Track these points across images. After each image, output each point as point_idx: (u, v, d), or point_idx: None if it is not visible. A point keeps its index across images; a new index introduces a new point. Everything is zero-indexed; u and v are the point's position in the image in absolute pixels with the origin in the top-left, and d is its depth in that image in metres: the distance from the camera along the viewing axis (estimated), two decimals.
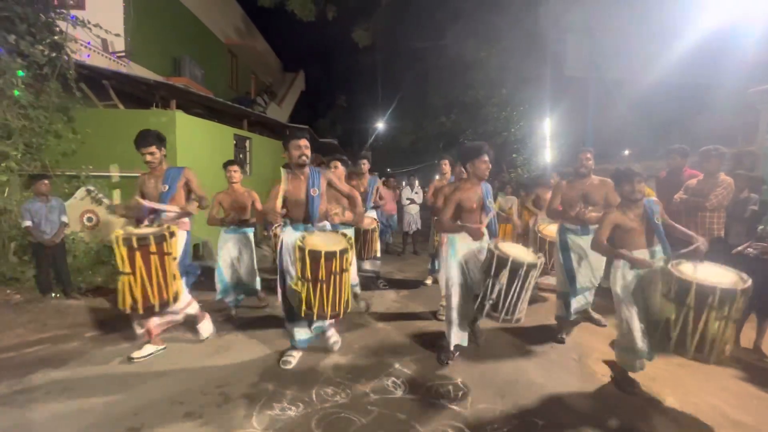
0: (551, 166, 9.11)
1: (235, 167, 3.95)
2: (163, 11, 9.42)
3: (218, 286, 3.99)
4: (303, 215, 2.86)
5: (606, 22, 9.72)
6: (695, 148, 3.88)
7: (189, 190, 3.29)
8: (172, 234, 2.86)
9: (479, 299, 2.72)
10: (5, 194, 4.82)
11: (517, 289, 2.58)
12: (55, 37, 5.02)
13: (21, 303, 4.21)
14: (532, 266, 2.58)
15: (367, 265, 5.04)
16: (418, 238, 8.08)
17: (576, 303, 3.50)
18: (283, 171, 2.91)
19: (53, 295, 4.51)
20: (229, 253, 3.98)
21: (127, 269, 2.70)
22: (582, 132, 10.18)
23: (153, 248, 2.74)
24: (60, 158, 5.34)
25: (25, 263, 4.76)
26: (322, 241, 2.66)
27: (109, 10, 7.19)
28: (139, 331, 3.13)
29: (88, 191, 5.44)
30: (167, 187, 3.13)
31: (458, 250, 2.93)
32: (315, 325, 3.02)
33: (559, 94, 10.49)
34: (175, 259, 2.93)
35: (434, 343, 3.30)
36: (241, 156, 8.10)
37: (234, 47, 13.91)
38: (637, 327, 2.53)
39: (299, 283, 2.60)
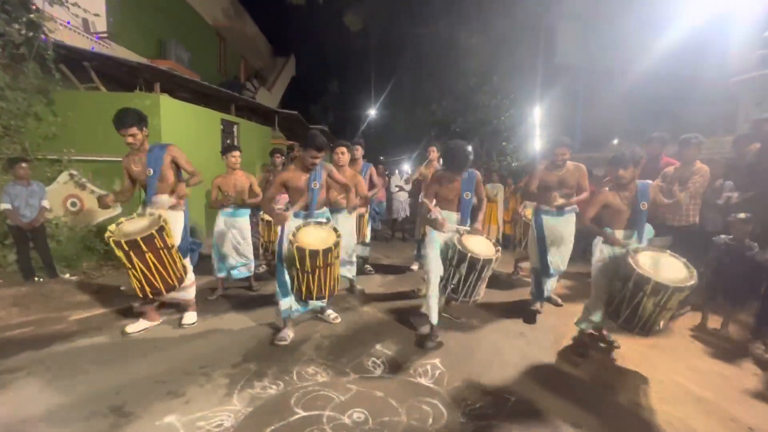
0: (540, 154, 9.18)
1: (238, 153, 4.07)
2: None
3: (215, 264, 4.13)
4: (304, 203, 3.02)
5: (597, 11, 9.71)
6: (679, 136, 3.94)
7: (178, 168, 3.20)
8: (161, 229, 2.86)
9: (443, 282, 3.04)
10: None
11: (474, 278, 2.90)
12: (31, 15, 4.86)
13: (3, 287, 4.18)
14: (487, 261, 2.86)
15: (357, 250, 5.09)
16: (405, 225, 8.14)
17: (547, 283, 3.76)
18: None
19: (36, 279, 4.48)
20: (226, 234, 4.06)
21: (128, 265, 2.82)
22: (571, 120, 10.25)
23: (144, 248, 2.79)
24: (41, 141, 5.23)
25: (7, 248, 4.72)
26: (312, 236, 2.85)
27: None
28: (136, 306, 3.29)
29: (71, 175, 5.37)
30: (152, 171, 3.04)
31: (437, 235, 3.10)
32: (308, 304, 3.24)
33: (550, 83, 10.51)
34: (172, 247, 2.98)
35: (416, 326, 3.38)
36: (228, 141, 8.02)
37: (222, 30, 13.61)
38: (598, 297, 2.87)
39: (292, 270, 2.90)
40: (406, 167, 16.84)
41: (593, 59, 10.08)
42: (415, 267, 5.46)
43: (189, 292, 3.35)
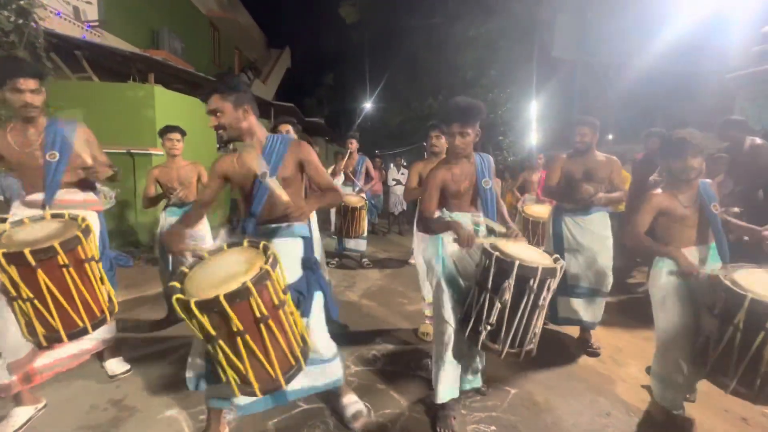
0: (537, 148, 9.21)
1: (177, 135, 3.11)
2: None
3: (163, 276, 3.24)
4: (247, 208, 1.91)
5: (594, 5, 9.70)
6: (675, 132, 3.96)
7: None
8: (87, 230, 1.84)
9: (471, 323, 1.89)
10: None
11: (528, 307, 1.75)
12: (21, 2, 4.73)
13: None
14: (549, 273, 1.74)
15: (351, 244, 5.10)
16: (402, 218, 8.15)
17: (561, 304, 2.94)
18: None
19: None
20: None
21: (27, 294, 1.68)
22: (568, 115, 10.28)
23: (63, 260, 1.71)
24: None
25: None
26: (209, 274, 1.49)
27: None
28: (6, 380, 1.93)
29: None
30: (57, 155, 2.11)
31: (446, 250, 2.09)
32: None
33: (546, 77, 10.52)
34: (97, 261, 1.92)
35: (415, 320, 3.40)
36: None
37: (216, 20, 13.38)
38: (676, 350, 1.96)
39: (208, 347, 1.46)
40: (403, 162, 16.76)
41: (590, 54, 10.10)
42: (412, 260, 5.45)
43: (109, 329, 2.35)
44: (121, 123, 5.40)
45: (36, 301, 1.70)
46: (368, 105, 20.49)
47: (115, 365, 2.46)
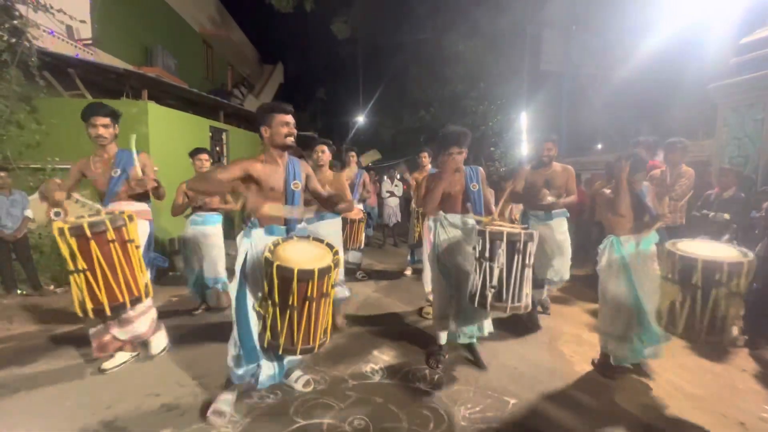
0: (527, 158, 9.35)
1: (206, 156, 3.73)
2: None
3: (188, 277, 3.81)
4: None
5: (580, 19, 10.01)
6: (661, 141, 4.06)
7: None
8: (130, 218, 2.35)
9: (478, 290, 2.37)
10: None
11: (519, 266, 2.28)
12: (15, 22, 4.77)
13: None
14: (529, 237, 2.30)
15: (348, 257, 5.09)
16: (397, 230, 8.16)
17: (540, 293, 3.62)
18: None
19: (19, 291, 4.33)
20: (194, 245, 3.70)
21: (82, 265, 2.14)
22: (556, 126, 10.49)
23: (111, 235, 2.19)
24: (23, 150, 5.09)
25: None
26: (299, 253, 1.99)
27: None
28: (96, 353, 2.62)
29: None
30: (119, 171, 2.68)
31: (440, 238, 2.75)
32: (284, 360, 2.31)
33: (535, 89, 10.76)
34: (138, 247, 2.41)
35: (411, 333, 3.38)
36: (218, 149, 7.94)
37: (209, 37, 13.52)
38: (618, 311, 2.55)
39: (264, 304, 1.98)
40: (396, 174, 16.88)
41: (577, 66, 10.37)
42: (408, 272, 5.46)
43: (141, 323, 2.68)
44: None
45: (88, 273, 2.15)
46: (361, 118, 20.69)
47: (157, 341, 2.85)
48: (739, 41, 4.95)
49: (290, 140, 2.20)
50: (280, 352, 1.99)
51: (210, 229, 3.72)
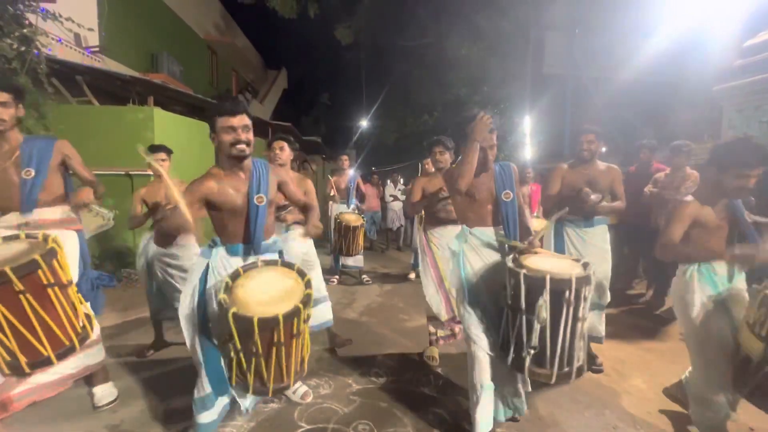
0: (531, 161, 9.33)
1: (162, 155, 2.95)
2: (139, 6, 9.20)
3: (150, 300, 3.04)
4: (242, 232, 1.89)
5: (582, 22, 10.02)
6: (667, 144, 4.05)
7: (65, 172, 2.24)
8: (51, 253, 1.66)
9: (512, 349, 1.79)
10: None
11: (570, 322, 1.66)
12: (24, 30, 4.85)
13: None
14: (583, 281, 1.66)
15: (350, 262, 5.11)
16: (401, 234, 8.17)
17: None
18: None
19: None
20: (153, 261, 2.93)
21: None
22: (560, 129, 10.46)
23: (18, 286, 1.54)
24: None
25: None
26: (262, 289, 1.66)
27: (82, 3, 6.97)
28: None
29: None
30: (33, 172, 2.01)
31: (470, 264, 2.02)
32: (248, 400, 1.98)
33: (538, 92, 10.74)
34: (69, 283, 1.77)
35: (416, 336, 3.37)
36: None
37: (213, 44, 13.67)
38: (715, 369, 1.84)
39: (225, 348, 1.65)
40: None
41: (580, 68, 10.36)
42: (412, 276, 5.45)
43: (93, 355, 2.14)
44: (120, 145, 5.44)
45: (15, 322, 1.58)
46: (364, 123, 20.77)
47: (102, 393, 2.28)
48: (742, 44, 4.94)
49: (237, 150, 1.79)
50: (251, 393, 1.72)
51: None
